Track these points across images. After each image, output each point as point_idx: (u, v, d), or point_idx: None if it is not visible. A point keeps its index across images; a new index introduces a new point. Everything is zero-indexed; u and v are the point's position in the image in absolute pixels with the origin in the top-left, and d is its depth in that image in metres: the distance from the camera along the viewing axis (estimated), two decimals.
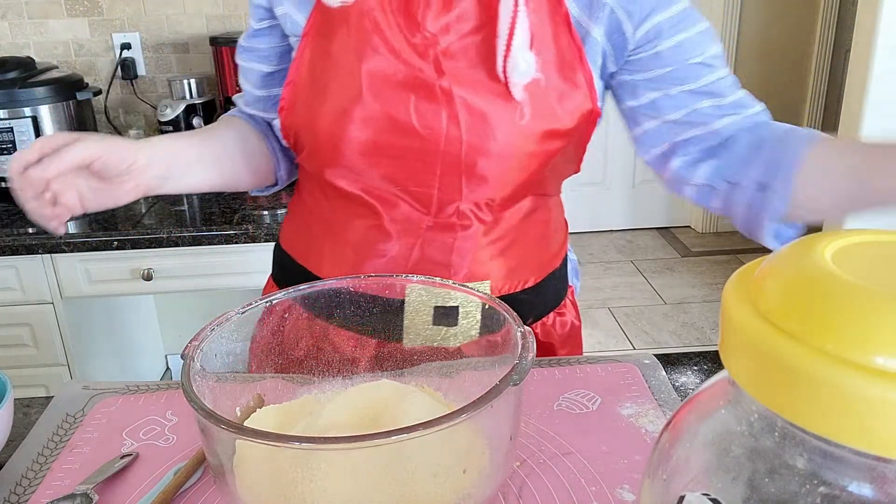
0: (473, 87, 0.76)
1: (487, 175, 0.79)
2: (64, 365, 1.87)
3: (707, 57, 0.81)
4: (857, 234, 0.27)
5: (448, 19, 0.76)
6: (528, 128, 0.77)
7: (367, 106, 0.76)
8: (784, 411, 0.23)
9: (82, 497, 0.60)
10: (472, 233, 0.83)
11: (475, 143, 0.77)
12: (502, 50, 0.74)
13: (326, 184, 0.85)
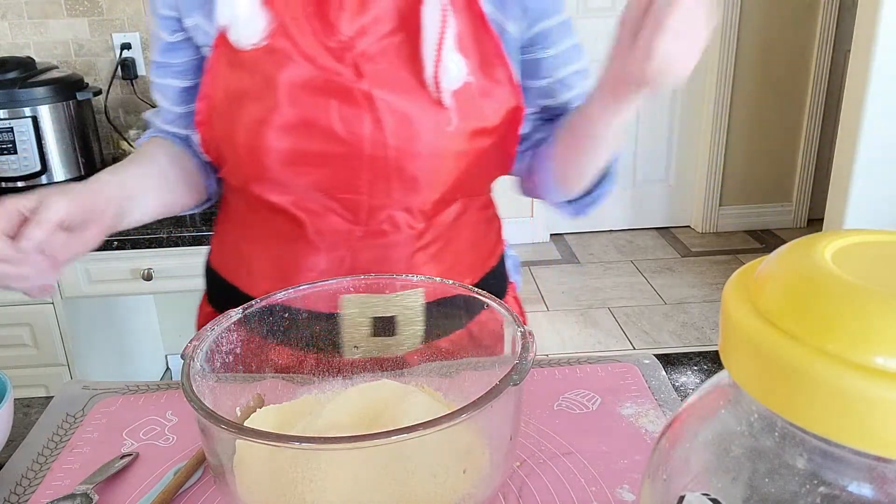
0: (395, 89, 0.75)
1: (417, 177, 0.78)
2: (64, 365, 1.87)
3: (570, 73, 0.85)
4: (856, 234, 0.27)
5: (364, 21, 0.76)
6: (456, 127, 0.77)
7: (284, 114, 0.75)
8: (784, 411, 0.23)
9: (82, 497, 0.60)
10: (404, 240, 0.83)
11: (401, 146, 0.76)
12: (432, 56, 0.74)
13: (252, 197, 0.83)
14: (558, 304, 3.23)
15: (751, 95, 3.68)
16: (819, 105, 3.70)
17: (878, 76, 2.42)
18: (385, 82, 0.75)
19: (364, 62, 0.75)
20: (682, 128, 3.80)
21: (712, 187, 3.84)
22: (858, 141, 2.50)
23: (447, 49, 0.74)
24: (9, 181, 1.88)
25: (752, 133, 3.75)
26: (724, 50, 3.57)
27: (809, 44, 3.61)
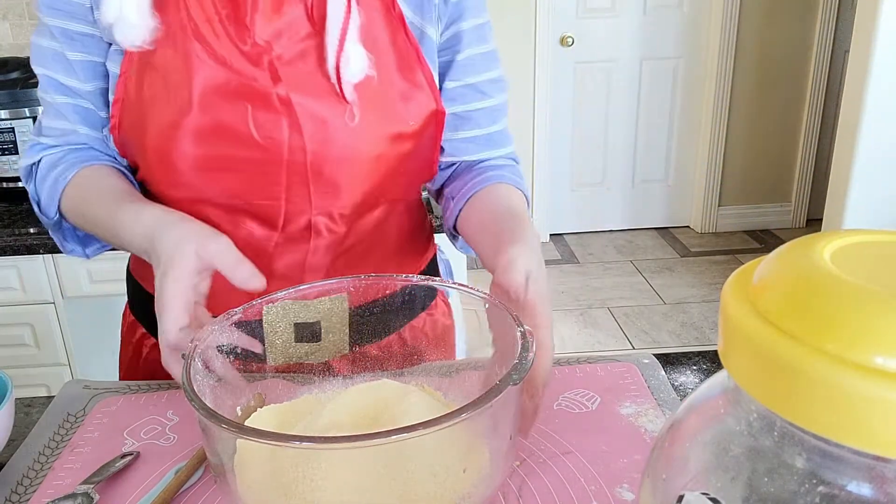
0: (313, 93, 0.75)
1: (336, 182, 0.78)
2: (65, 364, 1.87)
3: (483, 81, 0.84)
4: (856, 234, 0.27)
5: (279, 25, 0.75)
6: (368, 130, 0.76)
7: (197, 118, 0.73)
8: (783, 411, 0.23)
9: (83, 497, 0.60)
10: (325, 245, 0.82)
11: (319, 150, 0.76)
12: (334, 47, 0.73)
13: (165, 203, 0.80)
14: (558, 303, 3.23)
15: (750, 95, 3.68)
16: (818, 105, 3.70)
17: (877, 76, 2.42)
18: (302, 86, 0.74)
19: (281, 66, 0.74)
20: (682, 128, 3.81)
21: (711, 187, 3.84)
22: (857, 141, 2.51)
23: (350, 41, 0.73)
24: (10, 181, 1.88)
25: (751, 133, 3.75)
26: (724, 50, 3.57)
27: (808, 44, 3.61)
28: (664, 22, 3.61)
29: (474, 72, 0.83)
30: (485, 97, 0.85)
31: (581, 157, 3.83)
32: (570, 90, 3.70)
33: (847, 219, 2.59)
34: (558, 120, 3.72)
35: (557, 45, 3.59)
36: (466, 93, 0.84)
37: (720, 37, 3.55)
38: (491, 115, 0.86)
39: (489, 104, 0.85)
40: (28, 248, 1.70)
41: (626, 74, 3.70)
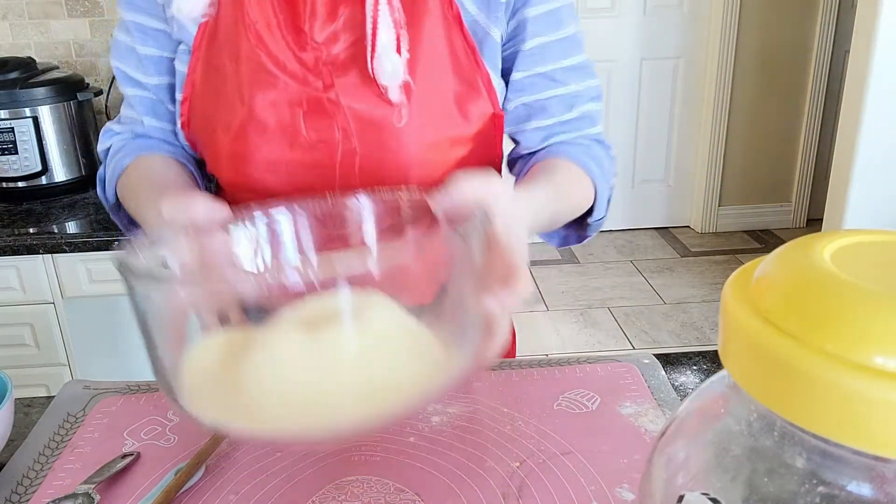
0: (363, 96, 0.75)
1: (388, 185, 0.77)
2: (65, 365, 1.87)
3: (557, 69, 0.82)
4: (856, 234, 0.27)
5: (334, 28, 0.75)
6: (418, 132, 0.76)
7: (253, 121, 0.75)
8: (783, 411, 0.23)
9: (83, 497, 0.60)
10: None
11: (369, 153, 0.76)
12: (369, 50, 0.73)
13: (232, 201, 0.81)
14: (558, 303, 3.23)
15: (750, 96, 3.68)
16: (818, 105, 3.70)
17: (878, 76, 2.42)
18: (354, 91, 0.75)
19: (334, 69, 0.75)
20: (682, 128, 3.81)
21: (712, 187, 3.84)
22: (858, 141, 2.51)
23: (381, 45, 0.73)
24: (10, 181, 1.88)
25: (751, 133, 3.75)
26: (724, 50, 3.57)
27: (809, 44, 3.61)
28: (664, 22, 3.61)
29: (544, 61, 0.81)
30: (558, 85, 0.82)
31: None
32: None
33: (847, 219, 2.59)
34: None
35: None
36: (537, 82, 0.82)
37: (720, 37, 3.55)
38: (565, 102, 0.83)
39: (562, 92, 0.83)
40: (28, 248, 1.70)
41: (626, 74, 3.70)
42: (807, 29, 3.58)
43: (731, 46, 3.57)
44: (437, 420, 0.69)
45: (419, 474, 0.63)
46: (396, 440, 0.67)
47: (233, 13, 0.76)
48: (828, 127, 3.70)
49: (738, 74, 3.63)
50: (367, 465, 0.64)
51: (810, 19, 3.56)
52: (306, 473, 0.63)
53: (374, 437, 0.67)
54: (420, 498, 0.60)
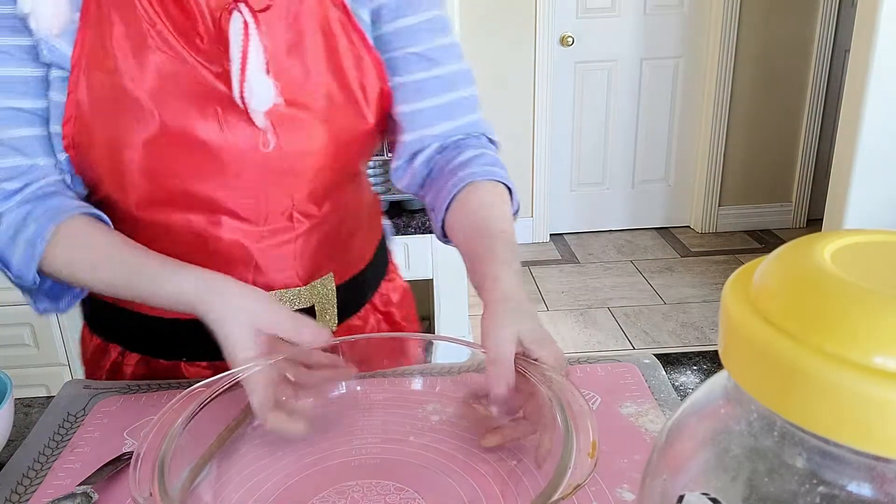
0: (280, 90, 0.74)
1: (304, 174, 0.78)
2: (65, 365, 1.88)
3: (429, 48, 0.82)
4: (856, 234, 0.27)
5: None
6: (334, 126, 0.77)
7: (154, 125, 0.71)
8: (783, 411, 0.23)
9: (83, 496, 0.60)
10: (306, 231, 0.82)
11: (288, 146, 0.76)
12: (237, 76, 0.71)
13: (140, 218, 0.77)
14: (558, 303, 3.23)
15: (750, 95, 3.68)
16: (818, 105, 3.70)
17: (878, 76, 2.42)
18: None
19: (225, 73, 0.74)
20: (682, 128, 3.81)
21: (712, 187, 3.84)
22: (858, 141, 2.51)
23: (251, 71, 0.71)
24: None
25: (751, 133, 3.75)
26: (724, 50, 3.57)
27: (809, 43, 3.61)
28: (664, 22, 3.61)
29: (416, 41, 0.81)
30: (434, 65, 0.82)
31: (581, 157, 3.83)
32: (570, 90, 3.70)
33: (847, 219, 2.59)
34: (558, 120, 3.72)
35: (557, 45, 3.59)
36: (411, 60, 0.81)
37: (720, 37, 3.55)
38: (445, 83, 0.83)
39: (440, 72, 0.83)
40: None
41: (626, 74, 3.70)
42: (807, 29, 3.58)
43: (731, 46, 3.57)
44: (436, 419, 0.69)
45: (419, 472, 0.63)
46: (396, 440, 0.67)
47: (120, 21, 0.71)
48: (828, 127, 3.70)
49: (738, 74, 3.63)
50: (368, 466, 0.64)
51: (810, 19, 3.56)
52: (307, 474, 0.63)
53: (375, 437, 0.67)
54: (420, 496, 0.60)
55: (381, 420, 0.69)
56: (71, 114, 0.73)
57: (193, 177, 0.75)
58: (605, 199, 3.92)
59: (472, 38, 3.35)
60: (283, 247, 0.82)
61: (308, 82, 0.76)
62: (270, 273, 0.82)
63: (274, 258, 0.82)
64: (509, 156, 3.94)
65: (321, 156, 0.78)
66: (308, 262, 0.83)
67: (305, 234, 0.82)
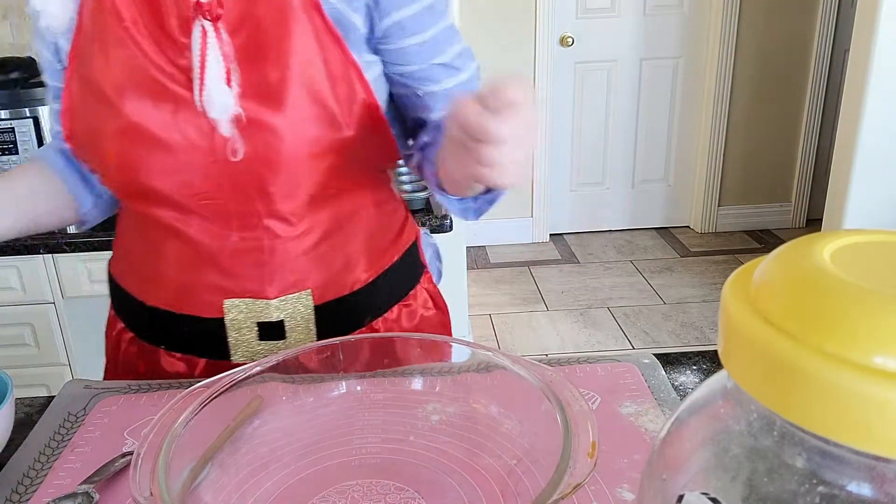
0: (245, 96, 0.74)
1: (276, 181, 0.77)
2: (65, 364, 1.88)
3: (450, 58, 0.82)
4: (856, 234, 0.27)
5: None
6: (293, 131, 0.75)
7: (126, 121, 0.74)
8: (783, 411, 0.23)
9: (83, 496, 0.60)
10: (284, 242, 0.81)
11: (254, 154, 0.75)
12: (197, 84, 0.73)
13: (128, 208, 0.85)
14: (558, 303, 3.23)
15: (749, 95, 3.68)
16: (818, 105, 3.70)
17: (878, 76, 2.42)
18: None
19: None
20: (681, 128, 3.81)
21: (711, 187, 3.84)
22: (857, 141, 2.51)
23: (210, 79, 0.72)
24: None
25: (750, 133, 3.75)
26: (723, 50, 3.57)
27: (808, 43, 3.61)
28: (664, 22, 3.61)
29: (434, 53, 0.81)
30: (457, 72, 0.83)
31: (581, 157, 3.83)
32: (570, 90, 3.70)
33: (847, 219, 2.59)
34: (558, 120, 3.72)
35: (557, 45, 3.59)
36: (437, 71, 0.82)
37: (720, 37, 3.55)
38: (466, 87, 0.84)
39: (463, 78, 0.84)
40: (28, 248, 1.70)
41: (626, 74, 3.70)
42: (806, 28, 3.58)
43: (731, 46, 3.57)
44: (436, 419, 0.69)
45: (419, 472, 0.63)
46: (396, 440, 0.67)
47: (101, 21, 0.75)
48: (827, 127, 3.70)
49: (738, 74, 3.63)
50: (368, 465, 0.64)
51: (810, 19, 3.56)
52: (307, 474, 0.63)
53: (375, 437, 0.67)
54: (420, 496, 0.60)
55: (381, 420, 0.69)
56: (66, 106, 0.79)
57: (157, 174, 0.76)
58: (604, 198, 3.92)
59: (472, 38, 3.34)
60: (252, 254, 0.81)
61: (276, 91, 0.74)
62: (238, 279, 0.81)
63: (243, 265, 0.81)
64: None
65: (294, 166, 0.76)
66: (280, 275, 0.82)
67: (280, 244, 0.81)
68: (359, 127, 0.78)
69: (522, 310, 3.19)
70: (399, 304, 0.93)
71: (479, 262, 3.66)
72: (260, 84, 0.74)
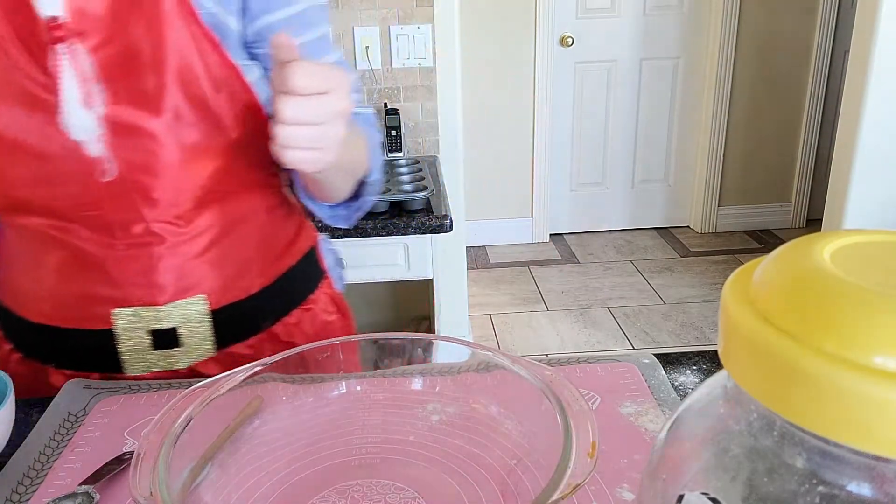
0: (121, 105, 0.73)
1: (156, 188, 0.76)
2: None
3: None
4: (856, 234, 0.27)
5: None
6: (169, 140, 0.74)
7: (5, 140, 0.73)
8: (783, 411, 0.23)
9: (83, 496, 0.60)
10: (171, 248, 0.80)
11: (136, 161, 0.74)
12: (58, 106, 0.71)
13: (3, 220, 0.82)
14: (558, 303, 3.23)
15: (750, 96, 3.68)
16: (818, 105, 3.70)
17: (878, 76, 2.42)
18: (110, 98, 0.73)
19: None
20: (682, 128, 3.81)
21: (711, 187, 3.84)
22: (857, 141, 2.51)
23: (66, 101, 0.71)
24: None
25: (750, 133, 3.76)
26: (723, 50, 3.57)
27: (808, 44, 3.61)
28: (664, 22, 3.61)
29: None
30: None
31: (581, 157, 3.83)
32: (570, 90, 3.70)
33: (847, 219, 2.59)
34: (558, 120, 3.72)
35: (557, 45, 3.59)
36: None
37: (720, 37, 3.55)
38: None
39: None
40: None
41: (626, 74, 3.70)
42: (806, 29, 3.58)
43: (731, 46, 3.57)
44: (436, 419, 0.69)
45: (419, 472, 0.63)
46: (396, 440, 0.67)
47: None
48: (827, 127, 3.70)
49: (738, 74, 3.63)
50: (368, 466, 0.64)
51: (810, 19, 3.56)
52: (307, 474, 0.63)
53: (375, 437, 0.67)
54: (420, 496, 0.60)
55: (381, 420, 0.69)
56: None
57: (33, 185, 0.75)
58: (604, 199, 3.92)
59: (472, 39, 3.35)
60: (140, 261, 0.80)
61: (154, 98, 0.73)
62: (127, 287, 0.80)
63: (131, 272, 0.80)
64: (509, 156, 3.92)
65: (177, 170, 0.76)
66: (170, 280, 0.81)
67: (168, 250, 0.80)
68: (244, 129, 0.78)
69: (522, 310, 3.19)
70: (299, 309, 0.93)
71: (479, 262, 3.66)
72: (137, 92, 0.73)
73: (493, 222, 3.79)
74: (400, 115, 2.24)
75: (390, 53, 2.28)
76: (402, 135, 2.25)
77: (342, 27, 2.25)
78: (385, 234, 1.87)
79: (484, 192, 3.69)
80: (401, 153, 2.26)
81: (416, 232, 1.88)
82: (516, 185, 3.75)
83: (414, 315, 2.58)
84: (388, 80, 2.31)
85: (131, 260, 0.79)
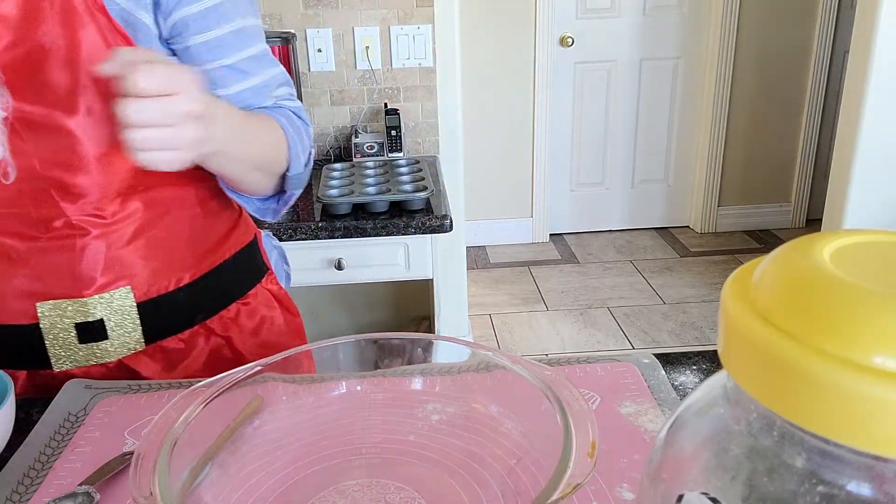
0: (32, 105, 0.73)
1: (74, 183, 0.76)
2: None
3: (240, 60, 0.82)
4: (856, 234, 0.27)
5: None
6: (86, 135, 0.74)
7: None
8: (783, 410, 0.23)
9: (84, 496, 0.60)
10: (97, 240, 0.80)
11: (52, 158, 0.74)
12: None
13: None
14: (558, 303, 3.23)
15: (749, 96, 3.68)
16: (818, 105, 3.70)
17: (877, 76, 2.42)
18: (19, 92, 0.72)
19: None
20: (681, 128, 3.81)
21: (711, 187, 3.84)
22: (857, 141, 2.51)
23: None
24: None
25: (750, 133, 3.75)
26: (724, 50, 3.57)
27: (808, 44, 3.61)
28: (664, 22, 3.61)
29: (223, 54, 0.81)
30: (246, 76, 0.83)
31: (581, 157, 3.83)
32: (570, 90, 3.70)
33: (847, 219, 2.59)
34: (558, 120, 3.72)
35: (557, 45, 3.59)
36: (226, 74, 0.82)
37: (720, 37, 3.55)
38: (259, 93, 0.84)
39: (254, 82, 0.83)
40: None
41: (626, 74, 3.70)
42: (806, 29, 3.58)
43: (730, 46, 3.57)
44: (436, 419, 0.69)
45: (419, 472, 0.63)
46: (396, 440, 0.67)
47: None
48: (827, 127, 3.70)
49: (738, 74, 3.63)
50: (368, 466, 0.64)
51: (810, 19, 3.56)
52: (307, 474, 0.63)
53: (375, 437, 0.67)
54: (420, 496, 0.60)
55: (381, 420, 0.69)
56: None
57: None
58: (604, 199, 3.92)
59: (471, 39, 3.35)
60: (64, 253, 0.79)
61: (68, 95, 0.73)
62: (50, 280, 0.80)
63: (54, 265, 0.80)
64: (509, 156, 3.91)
65: (95, 165, 0.76)
66: (95, 272, 0.81)
67: (92, 241, 0.80)
68: None
69: (522, 310, 3.19)
70: (237, 303, 0.93)
71: (479, 262, 3.66)
72: (50, 90, 0.73)
73: (492, 222, 3.79)
74: (400, 115, 2.24)
75: (390, 53, 2.28)
76: (402, 135, 2.25)
77: (342, 27, 2.25)
78: (385, 234, 1.87)
79: (484, 192, 3.69)
80: (401, 153, 2.26)
81: (416, 232, 1.88)
82: (516, 185, 3.75)
83: (414, 315, 2.58)
84: (388, 81, 2.31)
85: (55, 252, 0.79)
